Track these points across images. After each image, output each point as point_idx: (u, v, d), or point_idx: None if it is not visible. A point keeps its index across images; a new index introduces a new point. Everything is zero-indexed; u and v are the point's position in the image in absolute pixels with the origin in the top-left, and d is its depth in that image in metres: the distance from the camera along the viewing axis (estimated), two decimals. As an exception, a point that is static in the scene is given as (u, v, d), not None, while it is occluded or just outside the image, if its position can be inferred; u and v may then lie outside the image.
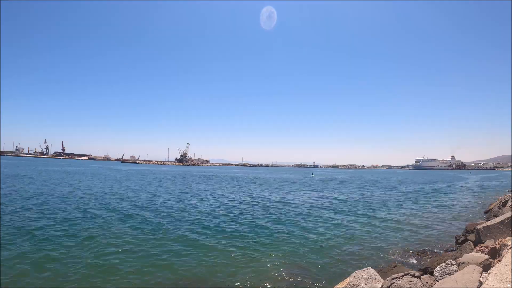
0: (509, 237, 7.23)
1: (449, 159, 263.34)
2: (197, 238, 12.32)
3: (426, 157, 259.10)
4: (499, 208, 17.29)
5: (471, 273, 5.00)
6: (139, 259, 9.51)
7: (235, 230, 13.83)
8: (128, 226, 13.85)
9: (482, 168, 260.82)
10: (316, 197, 29.63)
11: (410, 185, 52.49)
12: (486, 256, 6.01)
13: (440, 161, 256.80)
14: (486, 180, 74.04)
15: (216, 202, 23.55)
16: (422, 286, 5.68)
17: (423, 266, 8.64)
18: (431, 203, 26.31)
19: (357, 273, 6.47)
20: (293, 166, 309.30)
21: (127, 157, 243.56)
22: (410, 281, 5.71)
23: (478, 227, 9.64)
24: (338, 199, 27.70)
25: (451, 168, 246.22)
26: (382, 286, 5.92)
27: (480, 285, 4.52)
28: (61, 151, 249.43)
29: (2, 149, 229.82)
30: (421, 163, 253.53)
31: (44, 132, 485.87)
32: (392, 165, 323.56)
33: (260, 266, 9.36)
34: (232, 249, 10.92)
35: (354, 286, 6.13)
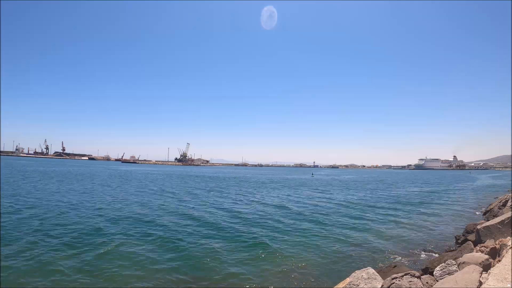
0: (509, 237, 7.23)
1: (451, 159, 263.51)
2: (199, 237, 12.33)
3: (428, 157, 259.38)
4: (499, 208, 17.29)
5: (471, 273, 5.00)
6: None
7: (234, 230, 13.84)
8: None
9: (482, 168, 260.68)
10: (317, 197, 29.65)
11: (414, 186, 52.47)
12: (486, 256, 6.01)
13: (442, 161, 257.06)
14: (495, 179, 77.80)
15: (224, 202, 23.57)
16: (422, 286, 5.69)
17: (423, 266, 8.64)
18: (431, 203, 26.30)
19: (357, 273, 6.47)
20: (293, 166, 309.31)
21: (127, 157, 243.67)
22: (410, 281, 5.71)
23: (478, 227, 9.64)
24: (339, 200, 27.72)
25: (451, 168, 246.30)
26: (382, 286, 5.92)
27: (480, 285, 4.52)
28: (61, 151, 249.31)
29: (2, 149, 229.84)
30: (423, 163, 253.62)
31: (44, 132, 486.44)
32: (392, 165, 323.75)
33: (260, 266, 9.36)
34: (231, 249, 10.93)
35: (354, 286, 6.13)
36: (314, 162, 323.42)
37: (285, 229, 14.47)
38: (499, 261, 5.76)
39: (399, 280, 5.74)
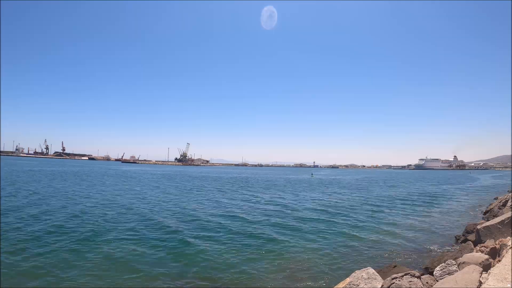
0: (509, 237, 7.23)
1: (451, 159, 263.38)
2: (200, 237, 12.33)
3: (428, 157, 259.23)
4: (499, 208, 17.29)
5: (471, 273, 5.01)
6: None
7: (236, 230, 13.85)
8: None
9: (482, 168, 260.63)
10: (316, 198, 29.65)
11: (415, 186, 52.46)
12: (486, 256, 6.02)
13: (442, 161, 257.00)
14: (495, 178, 78.95)
15: (227, 202, 23.56)
16: (422, 286, 5.69)
17: (423, 266, 8.66)
18: (431, 203, 26.28)
19: (357, 273, 6.47)
20: (293, 166, 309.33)
21: (127, 157, 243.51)
22: (410, 281, 5.71)
23: (478, 227, 9.65)
24: (339, 200, 27.72)
25: (452, 168, 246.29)
26: (382, 286, 5.92)
27: (480, 285, 4.53)
28: (61, 151, 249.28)
29: (2, 149, 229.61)
30: (423, 163, 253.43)
31: (44, 132, 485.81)
32: (392, 165, 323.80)
33: (260, 265, 9.36)
34: (230, 249, 10.93)
35: (354, 286, 6.13)
36: (314, 162, 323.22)
37: (285, 229, 14.46)
38: (499, 261, 5.77)
39: (399, 280, 5.75)
